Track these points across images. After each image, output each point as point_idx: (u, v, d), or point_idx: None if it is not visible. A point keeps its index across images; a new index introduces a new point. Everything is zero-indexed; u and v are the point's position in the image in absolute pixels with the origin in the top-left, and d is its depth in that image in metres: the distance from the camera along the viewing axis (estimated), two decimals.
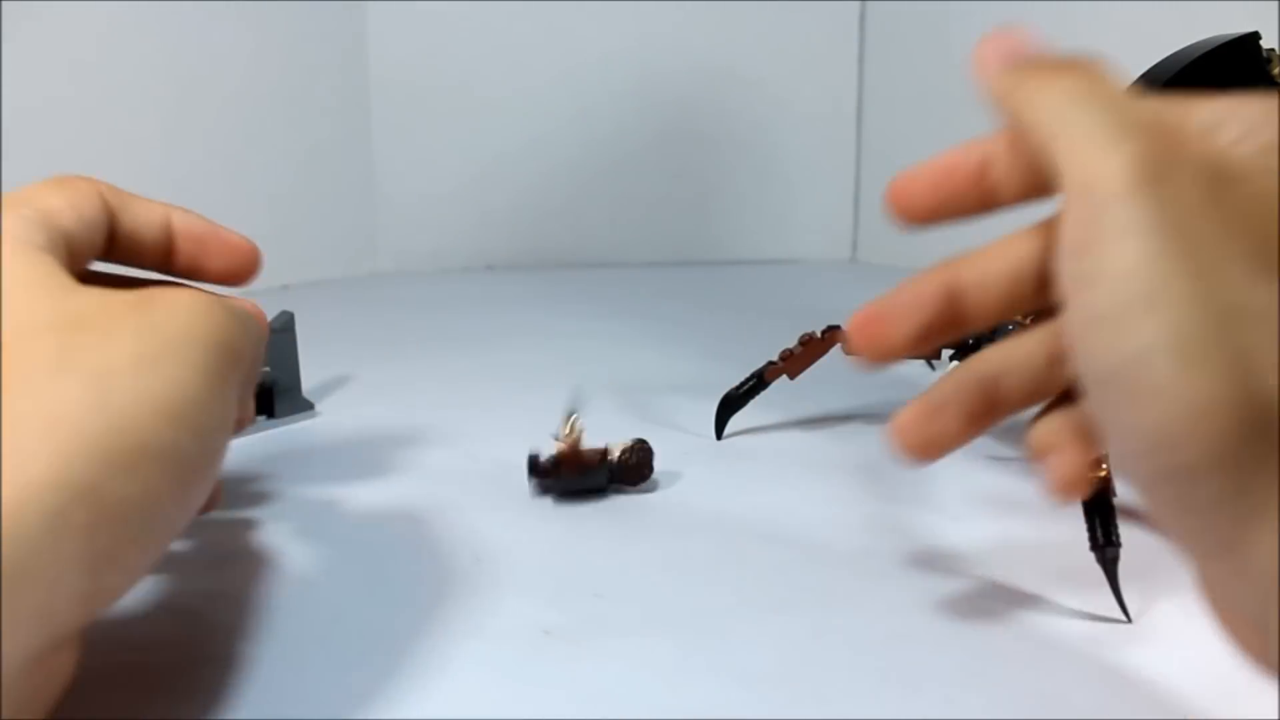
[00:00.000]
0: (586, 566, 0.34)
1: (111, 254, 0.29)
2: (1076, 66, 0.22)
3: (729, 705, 0.26)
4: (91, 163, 0.77)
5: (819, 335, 0.46)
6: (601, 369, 0.46)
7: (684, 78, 1.01)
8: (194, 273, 0.31)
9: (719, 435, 0.48)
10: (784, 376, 0.47)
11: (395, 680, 0.27)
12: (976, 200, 0.24)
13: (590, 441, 0.40)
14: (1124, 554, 0.30)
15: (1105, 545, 0.30)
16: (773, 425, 0.49)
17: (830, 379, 0.50)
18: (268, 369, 0.50)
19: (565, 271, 0.99)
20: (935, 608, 0.31)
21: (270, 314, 0.51)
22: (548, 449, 0.40)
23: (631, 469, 0.40)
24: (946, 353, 0.45)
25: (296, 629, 0.30)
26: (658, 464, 0.41)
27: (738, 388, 0.47)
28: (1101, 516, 0.31)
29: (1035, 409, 0.25)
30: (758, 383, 0.47)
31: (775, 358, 0.47)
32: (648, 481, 0.41)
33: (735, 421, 0.48)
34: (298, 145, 0.92)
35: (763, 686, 0.27)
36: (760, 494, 0.41)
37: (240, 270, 0.31)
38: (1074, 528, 0.37)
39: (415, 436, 0.49)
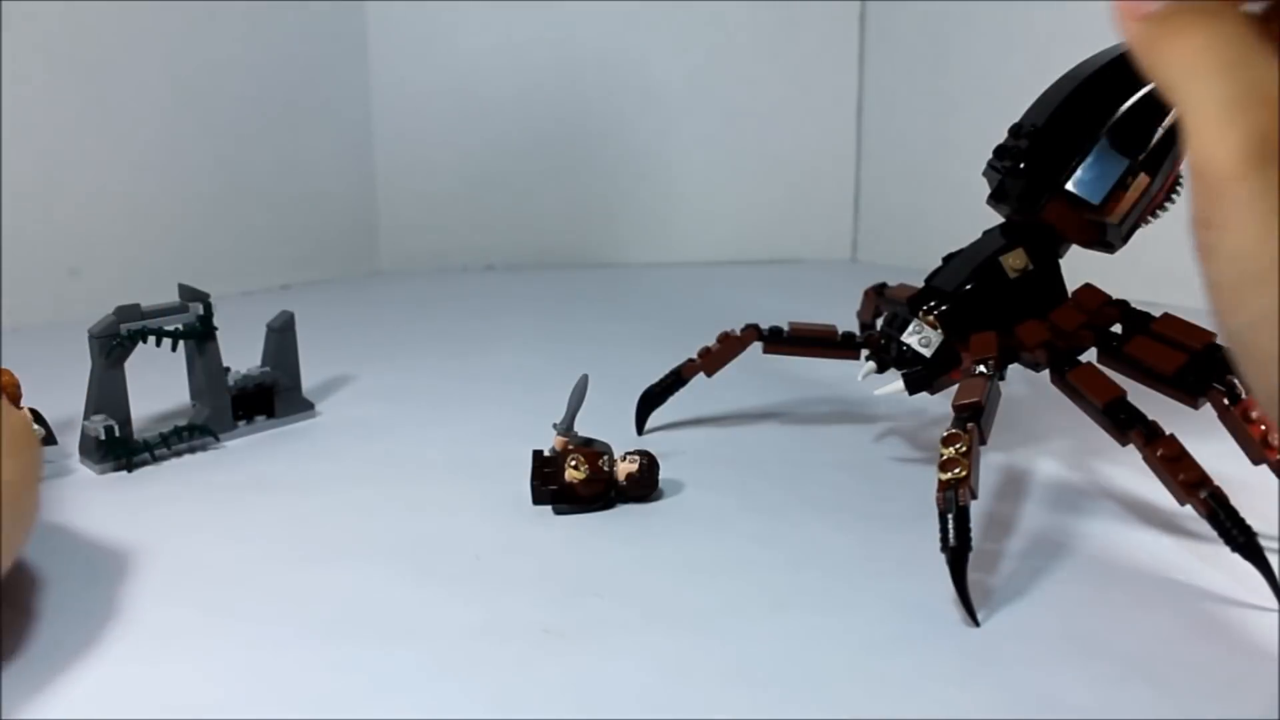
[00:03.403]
0: (586, 566, 0.34)
1: None
2: (1201, 18, 0.21)
3: (729, 705, 0.26)
4: (92, 163, 0.78)
5: (737, 333, 0.47)
6: (601, 369, 0.46)
7: (684, 78, 1.01)
8: None
9: (640, 431, 0.48)
10: (701, 374, 0.47)
11: (394, 680, 0.27)
12: None
13: (590, 432, 0.40)
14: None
15: (954, 547, 0.30)
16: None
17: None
18: (268, 369, 0.50)
19: (565, 271, 0.99)
20: (935, 608, 0.31)
21: (270, 314, 0.51)
22: (548, 449, 0.40)
23: (636, 487, 0.39)
24: (865, 353, 0.44)
25: (296, 629, 0.30)
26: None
27: (657, 384, 0.48)
28: (955, 517, 0.30)
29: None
30: (675, 379, 0.48)
31: (694, 355, 0.48)
32: None
33: (656, 416, 0.49)
34: (298, 145, 0.92)
35: (762, 686, 0.27)
36: (758, 494, 0.41)
37: None
38: (1077, 529, 0.37)
39: (415, 436, 0.49)
